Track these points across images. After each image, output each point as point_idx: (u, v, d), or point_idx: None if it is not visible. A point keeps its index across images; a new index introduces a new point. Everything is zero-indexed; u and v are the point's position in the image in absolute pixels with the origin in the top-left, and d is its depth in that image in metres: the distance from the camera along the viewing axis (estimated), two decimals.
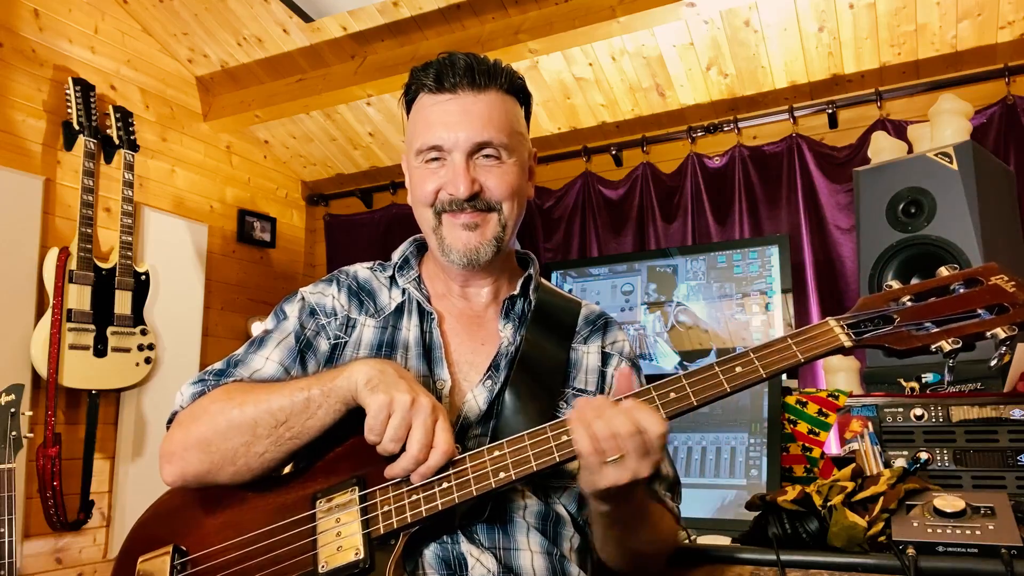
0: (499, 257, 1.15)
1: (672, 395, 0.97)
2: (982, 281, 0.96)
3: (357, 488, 0.99)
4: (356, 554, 0.94)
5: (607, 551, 1.11)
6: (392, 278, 1.22)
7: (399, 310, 1.18)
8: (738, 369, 0.96)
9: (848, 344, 0.95)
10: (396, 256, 1.24)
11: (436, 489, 0.96)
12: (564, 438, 0.95)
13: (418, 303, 1.18)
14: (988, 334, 0.92)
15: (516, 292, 1.20)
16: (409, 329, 1.16)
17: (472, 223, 1.11)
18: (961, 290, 0.96)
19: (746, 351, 0.98)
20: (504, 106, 1.13)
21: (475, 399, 1.10)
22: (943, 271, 0.97)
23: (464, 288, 1.20)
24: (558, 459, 0.95)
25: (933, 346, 0.93)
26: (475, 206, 1.10)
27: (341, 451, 1.05)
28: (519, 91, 1.18)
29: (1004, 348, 0.93)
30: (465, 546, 1.00)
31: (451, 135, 1.09)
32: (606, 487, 0.91)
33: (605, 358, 1.21)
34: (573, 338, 1.21)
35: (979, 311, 0.94)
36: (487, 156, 1.10)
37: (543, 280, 1.27)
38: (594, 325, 1.25)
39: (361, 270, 1.24)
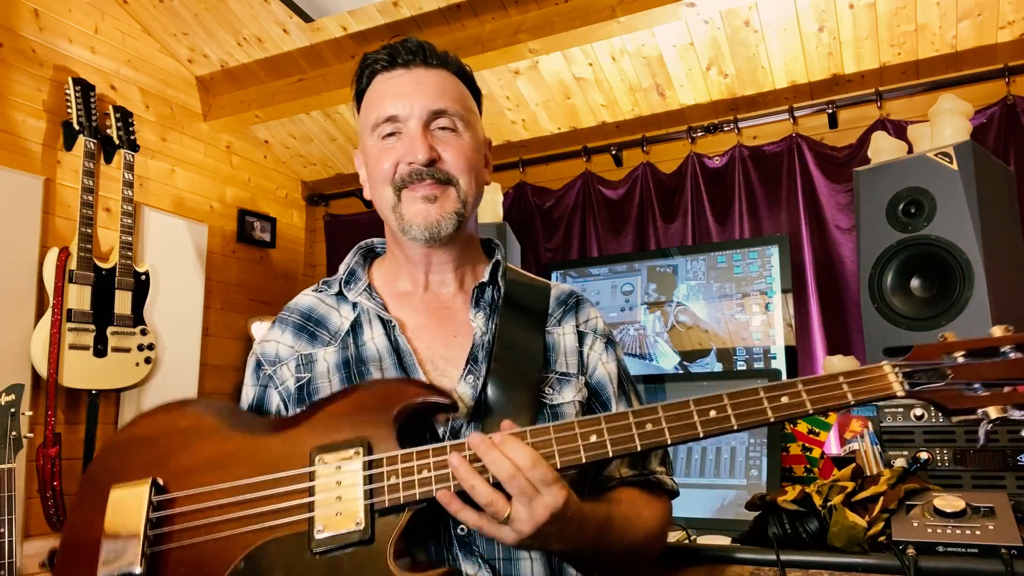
0: (461, 238, 1.13)
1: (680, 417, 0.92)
2: None
3: (362, 452, 0.93)
4: (356, 523, 0.90)
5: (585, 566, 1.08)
6: (340, 294, 1.18)
7: (356, 325, 1.14)
8: (784, 400, 0.91)
9: (900, 393, 0.92)
10: (341, 269, 1.20)
11: (448, 469, 0.91)
12: (593, 438, 0.91)
13: (376, 312, 1.14)
14: None
15: (485, 279, 1.16)
16: (374, 339, 1.12)
17: (431, 195, 1.08)
18: (1011, 355, 0.91)
19: (794, 381, 0.92)
20: (456, 84, 1.14)
21: (460, 398, 1.06)
22: (996, 331, 0.93)
23: (428, 276, 1.16)
24: (584, 460, 0.91)
25: (980, 410, 0.90)
26: (433, 175, 1.08)
27: (347, 405, 0.99)
28: (469, 81, 1.18)
29: (991, 426, 0.91)
30: (462, 562, 0.98)
31: (406, 104, 1.09)
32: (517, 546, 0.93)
33: (581, 337, 1.18)
34: (547, 321, 1.17)
35: None
36: (443, 128, 1.10)
37: (510, 265, 1.25)
38: (566, 305, 1.21)
39: (304, 298, 1.21)
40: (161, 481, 0.97)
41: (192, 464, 0.98)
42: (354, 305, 1.16)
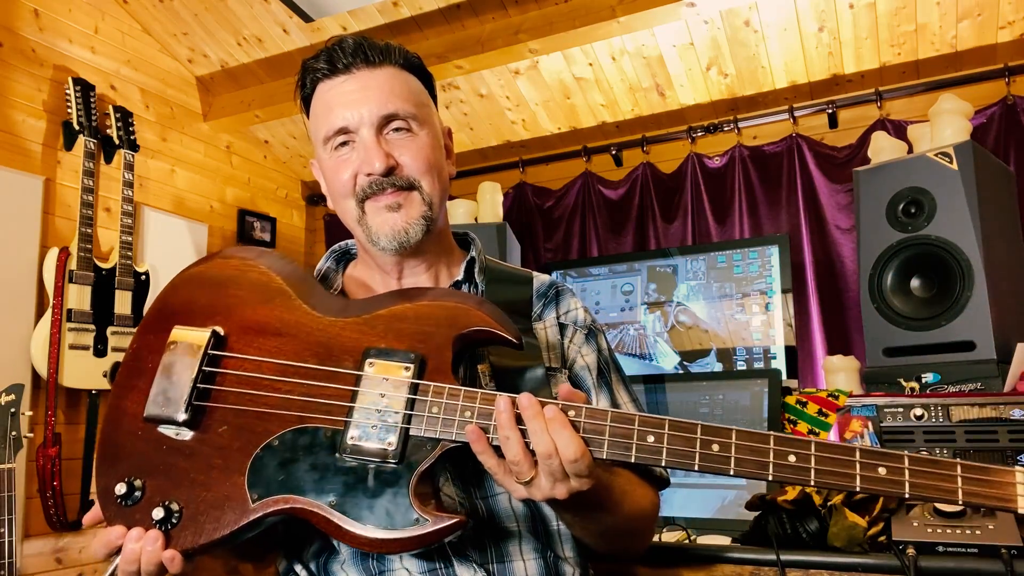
0: (431, 238, 1.08)
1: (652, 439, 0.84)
2: None
3: (413, 370, 0.91)
4: (388, 444, 0.88)
5: (574, 536, 1.06)
6: None
7: None
8: (881, 471, 0.78)
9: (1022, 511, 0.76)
10: (315, 274, 1.18)
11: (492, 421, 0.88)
12: (650, 439, 0.84)
13: None
14: None
15: (460, 277, 1.13)
16: None
17: (395, 203, 1.04)
18: None
19: (901, 455, 0.79)
20: (404, 80, 1.08)
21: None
22: None
23: (400, 281, 1.12)
24: (633, 460, 0.85)
25: None
26: (394, 183, 1.04)
27: (413, 310, 0.96)
28: (417, 70, 1.12)
29: None
30: (456, 567, 0.96)
31: (354, 113, 1.04)
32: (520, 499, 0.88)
33: (562, 330, 1.14)
34: (530, 316, 1.13)
35: None
36: (397, 130, 1.05)
37: (490, 258, 1.20)
38: (546, 297, 1.17)
39: None
40: (222, 331, 0.98)
41: (253, 323, 0.98)
42: None
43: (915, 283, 2.00)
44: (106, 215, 2.97)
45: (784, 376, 2.21)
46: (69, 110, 2.80)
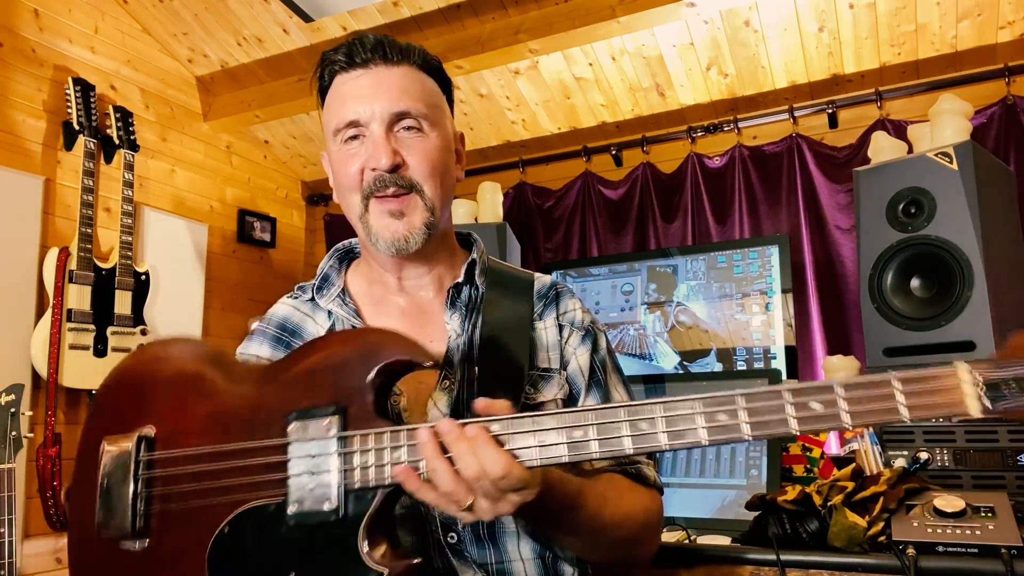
0: (432, 242, 1.07)
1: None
2: None
3: (336, 423, 0.89)
4: (329, 502, 0.87)
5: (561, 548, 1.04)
6: (314, 300, 1.15)
7: (332, 332, 1.11)
8: (816, 407, 0.73)
9: (975, 414, 0.68)
10: (317, 274, 1.17)
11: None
12: (577, 434, 0.81)
13: (348, 321, 1.10)
14: None
15: (460, 279, 1.11)
16: None
17: (397, 211, 1.03)
18: None
19: (829, 384, 0.73)
20: (420, 80, 1.07)
21: (436, 406, 1.02)
22: None
23: (402, 281, 1.12)
24: (567, 459, 0.82)
25: None
26: (397, 183, 1.03)
27: (327, 359, 0.94)
28: (436, 73, 1.12)
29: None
30: (455, 568, 0.96)
31: (367, 107, 1.03)
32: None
33: (560, 331, 1.13)
34: (531, 317, 1.13)
35: None
36: (408, 128, 1.04)
37: (492, 259, 1.19)
38: (547, 298, 1.16)
39: (280, 307, 1.17)
40: (152, 433, 0.97)
41: (178, 415, 0.98)
42: (329, 312, 1.13)
43: (915, 283, 2.00)
44: (106, 215, 2.97)
45: (784, 376, 2.21)
46: (69, 110, 2.80)
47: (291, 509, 0.88)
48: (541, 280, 1.19)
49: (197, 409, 0.97)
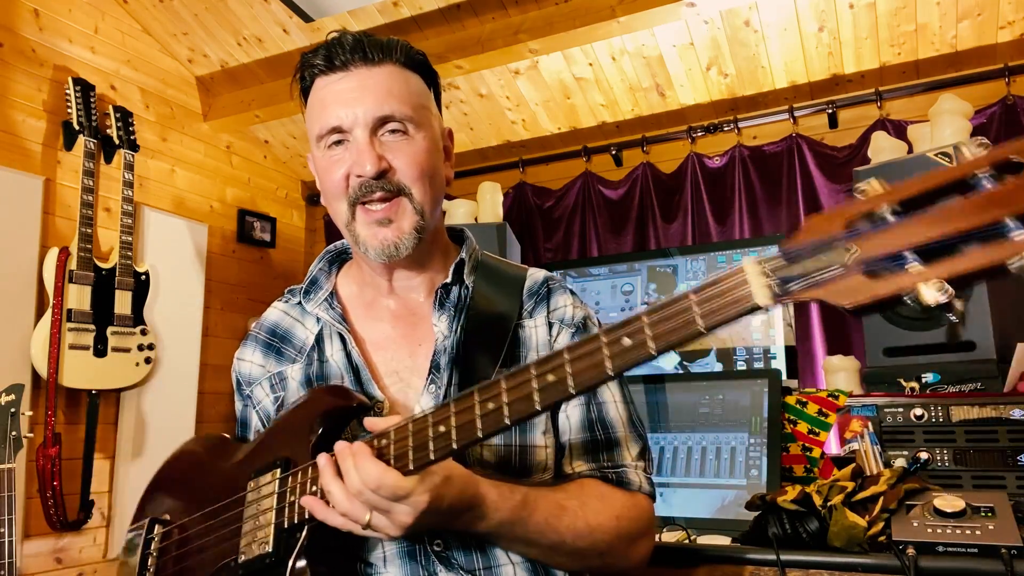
0: (423, 244, 1.05)
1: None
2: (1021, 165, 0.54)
3: (279, 471, 0.94)
4: (266, 545, 0.91)
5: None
6: (302, 305, 1.14)
7: (320, 339, 1.10)
8: (626, 342, 0.71)
9: (766, 303, 0.64)
10: (306, 278, 1.16)
11: None
12: (441, 428, 0.81)
13: (334, 326, 1.09)
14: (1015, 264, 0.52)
15: (449, 280, 1.09)
16: (334, 355, 1.07)
17: (385, 219, 1.01)
18: (987, 184, 0.54)
19: (637, 315, 0.71)
20: (404, 79, 1.04)
21: (423, 410, 1.02)
22: (964, 152, 0.56)
23: (393, 283, 1.10)
24: (433, 457, 0.82)
25: (906, 296, 0.56)
26: (384, 187, 1.00)
27: (283, 423, 1.01)
28: (420, 67, 1.08)
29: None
30: (442, 575, 0.95)
31: (349, 112, 1.00)
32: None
33: (549, 328, 1.10)
34: (520, 315, 1.09)
35: (1007, 221, 0.52)
36: (393, 132, 1.01)
37: (487, 254, 1.17)
38: (537, 296, 1.12)
39: (270, 312, 1.17)
40: (167, 516, 1.11)
41: (183, 497, 1.10)
42: (318, 317, 1.12)
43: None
44: (106, 215, 2.97)
45: (784, 376, 2.21)
46: (69, 110, 2.80)
47: (241, 558, 0.94)
48: (533, 277, 1.15)
49: (195, 489, 1.10)
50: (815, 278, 0.61)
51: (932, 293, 0.55)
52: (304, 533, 0.90)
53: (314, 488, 0.89)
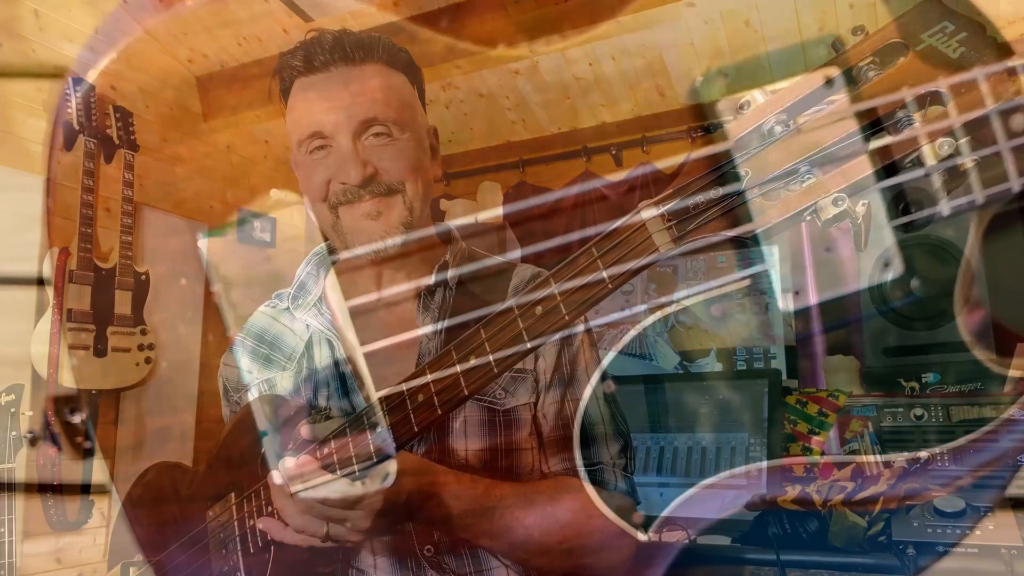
0: (410, 246, 1.02)
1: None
2: (907, 47, 0.49)
3: (233, 498, 0.96)
4: (239, 571, 0.92)
5: None
6: (290, 311, 1.12)
7: (309, 345, 1.08)
8: (538, 310, 0.69)
9: (666, 247, 0.62)
10: (294, 282, 1.13)
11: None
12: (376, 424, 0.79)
13: (323, 332, 1.07)
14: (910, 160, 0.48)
15: (432, 281, 1.07)
16: (322, 361, 1.06)
17: (374, 211, 0.97)
18: (871, 74, 0.50)
19: (547, 282, 0.70)
20: (387, 79, 1.00)
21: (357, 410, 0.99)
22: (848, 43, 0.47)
23: (380, 286, 1.08)
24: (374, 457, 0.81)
25: (807, 212, 0.51)
26: (373, 191, 0.97)
27: (233, 446, 1.00)
28: (403, 65, 1.04)
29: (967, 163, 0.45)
30: None
31: (331, 117, 0.96)
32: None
33: None
34: None
35: (900, 113, 0.48)
36: (377, 135, 0.97)
37: (476, 250, 1.14)
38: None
39: (257, 318, 1.15)
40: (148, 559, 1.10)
41: (162, 536, 1.08)
42: (308, 324, 1.10)
43: (915, 283, 2.00)
44: (106, 215, 2.97)
45: (784, 376, 2.21)
46: (69, 110, 2.79)
47: None
48: (521, 274, 1.10)
49: (162, 530, 1.08)
50: (712, 213, 0.57)
51: (832, 207, 0.50)
52: (271, 555, 0.90)
53: (270, 508, 0.87)
